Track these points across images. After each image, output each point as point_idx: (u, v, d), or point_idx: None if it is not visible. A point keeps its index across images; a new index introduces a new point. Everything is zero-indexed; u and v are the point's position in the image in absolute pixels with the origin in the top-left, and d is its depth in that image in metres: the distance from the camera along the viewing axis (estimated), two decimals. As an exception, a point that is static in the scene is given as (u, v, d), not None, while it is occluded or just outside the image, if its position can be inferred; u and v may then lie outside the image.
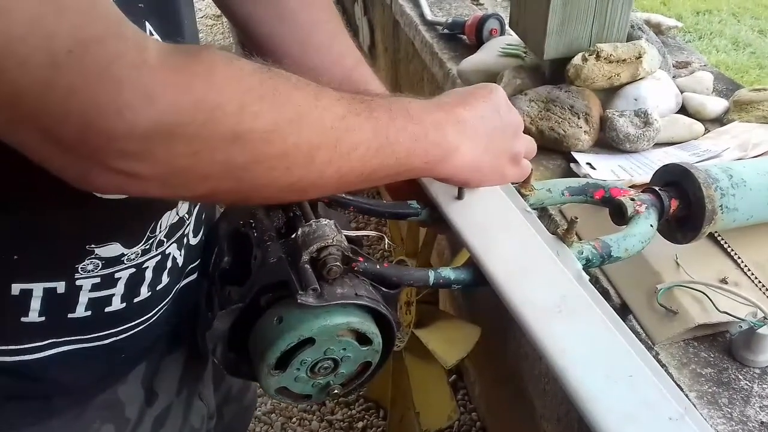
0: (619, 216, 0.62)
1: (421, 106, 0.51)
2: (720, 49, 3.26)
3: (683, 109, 0.99)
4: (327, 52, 0.67)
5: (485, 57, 1.15)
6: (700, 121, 0.95)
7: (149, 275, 0.55)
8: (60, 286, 0.49)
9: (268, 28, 0.66)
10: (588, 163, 0.89)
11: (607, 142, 0.93)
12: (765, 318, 0.61)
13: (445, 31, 1.32)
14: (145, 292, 0.55)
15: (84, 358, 0.53)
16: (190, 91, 0.36)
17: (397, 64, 1.78)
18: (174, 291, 0.60)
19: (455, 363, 1.15)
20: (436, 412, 1.26)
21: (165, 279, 0.57)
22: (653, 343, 0.65)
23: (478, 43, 1.23)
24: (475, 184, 0.56)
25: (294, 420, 1.59)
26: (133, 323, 0.56)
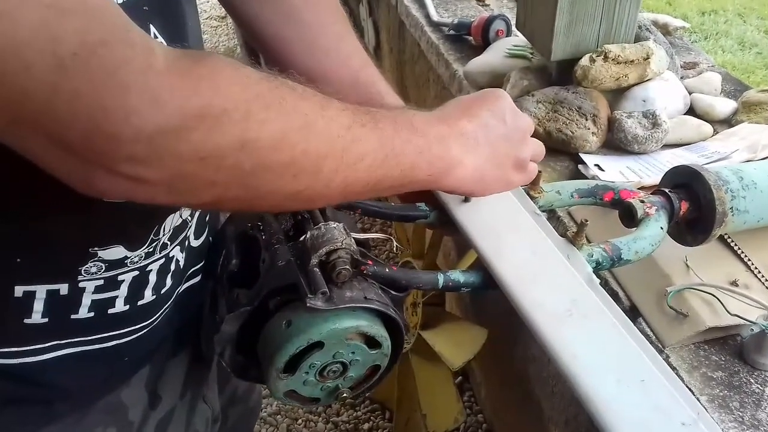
0: (629, 218, 0.62)
1: (425, 119, 0.51)
2: (726, 50, 3.24)
3: (691, 110, 0.99)
4: (334, 54, 0.67)
5: (491, 58, 1.15)
6: (708, 122, 0.95)
7: (153, 278, 0.55)
8: (63, 288, 0.49)
9: (275, 29, 0.65)
10: (596, 165, 0.88)
11: (615, 144, 0.92)
12: (776, 321, 0.61)
13: (451, 32, 1.31)
14: (149, 296, 0.55)
15: (86, 361, 0.53)
16: (197, 96, 0.35)
17: (403, 65, 1.78)
18: (176, 294, 0.60)
19: (462, 365, 1.14)
20: (442, 414, 1.26)
21: (168, 282, 0.57)
22: (663, 346, 0.65)
23: (485, 44, 1.23)
24: (480, 193, 0.57)
25: (300, 422, 1.59)
26: (137, 326, 0.56)
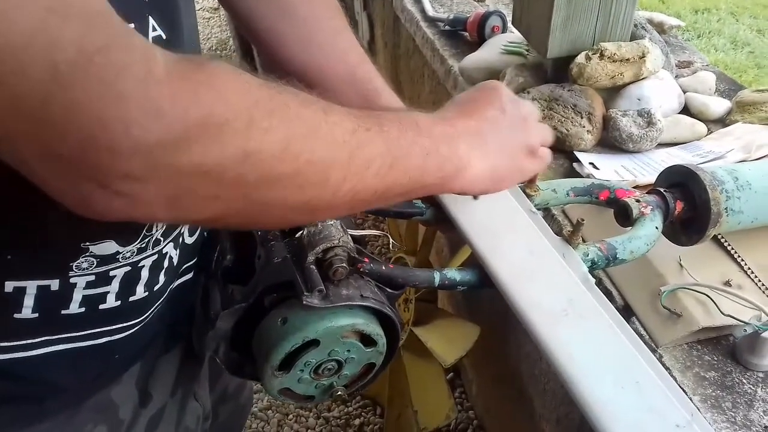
0: (625, 217, 0.62)
1: (430, 120, 0.50)
2: (718, 48, 3.26)
3: (686, 110, 0.99)
4: (330, 49, 0.66)
5: (487, 54, 1.15)
6: (702, 121, 0.95)
7: (145, 275, 0.54)
8: (54, 284, 0.48)
9: (269, 23, 0.65)
10: (591, 163, 0.88)
11: (610, 142, 0.93)
12: (770, 321, 0.61)
13: (447, 27, 1.31)
14: (141, 292, 0.54)
15: (77, 357, 0.53)
16: (199, 105, 0.34)
17: (397, 59, 1.77)
18: (168, 290, 0.59)
19: (454, 362, 1.14)
20: (433, 410, 1.26)
21: (161, 279, 0.56)
22: (657, 345, 0.65)
23: (480, 40, 1.22)
24: (495, 190, 0.55)
25: (291, 417, 1.59)
26: (128, 323, 0.55)
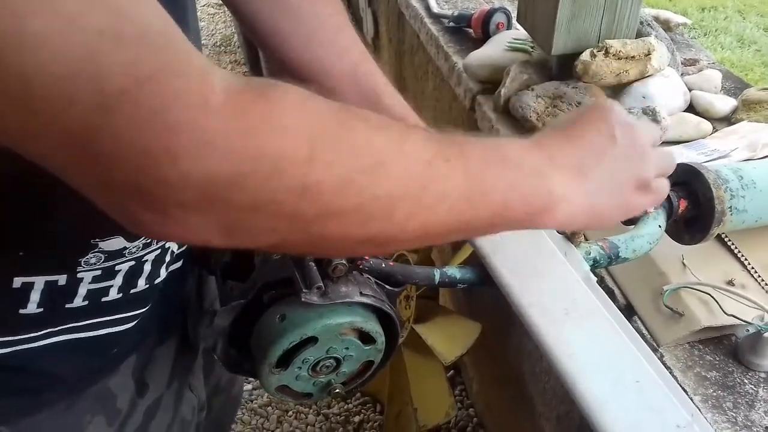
0: (628, 216, 0.61)
1: (520, 148, 0.44)
2: (725, 46, 3.24)
3: (691, 108, 0.98)
4: (331, 47, 0.66)
5: (491, 51, 1.14)
6: (708, 119, 0.94)
7: (148, 268, 0.54)
8: (61, 279, 0.48)
9: (272, 22, 0.65)
10: (594, 161, 0.88)
11: (614, 140, 0.92)
12: (773, 322, 0.61)
13: (451, 24, 1.30)
14: (142, 284, 0.55)
15: (77, 348, 0.53)
16: (255, 137, 0.31)
17: (402, 56, 1.76)
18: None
19: (454, 359, 1.14)
20: (433, 407, 1.26)
21: (163, 273, 0.57)
22: (658, 345, 0.64)
23: (485, 36, 1.21)
24: (596, 228, 0.49)
25: (290, 413, 1.59)
26: (127, 314, 0.55)
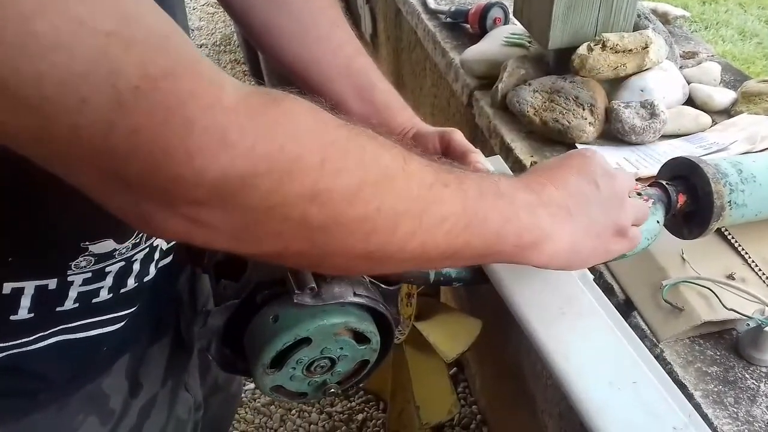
0: (625, 211, 0.61)
1: (511, 185, 0.46)
2: (726, 39, 3.23)
3: (690, 101, 0.97)
4: (326, 42, 0.66)
5: (489, 46, 1.13)
6: (707, 112, 0.94)
7: (137, 267, 0.54)
8: (52, 283, 0.48)
9: (266, 18, 0.64)
10: (592, 156, 0.87)
11: (613, 134, 0.91)
12: (773, 316, 0.60)
13: (448, 19, 1.30)
14: (131, 283, 0.55)
15: (69, 350, 0.53)
16: (269, 138, 0.32)
17: (399, 53, 1.76)
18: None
19: (456, 357, 1.14)
20: (436, 405, 1.26)
21: (152, 271, 0.57)
22: (658, 340, 0.64)
23: (482, 32, 1.21)
24: (576, 268, 0.51)
25: (293, 412, 1.59)
26: (118, 314, 0.55)
